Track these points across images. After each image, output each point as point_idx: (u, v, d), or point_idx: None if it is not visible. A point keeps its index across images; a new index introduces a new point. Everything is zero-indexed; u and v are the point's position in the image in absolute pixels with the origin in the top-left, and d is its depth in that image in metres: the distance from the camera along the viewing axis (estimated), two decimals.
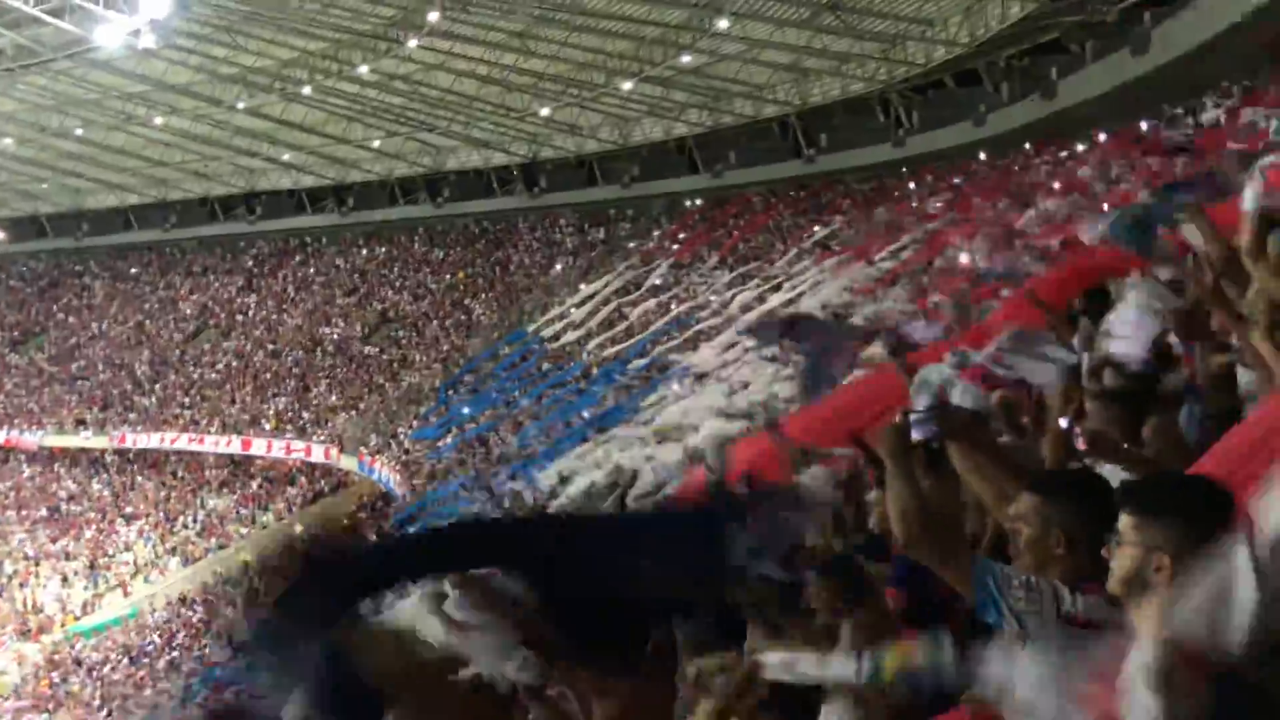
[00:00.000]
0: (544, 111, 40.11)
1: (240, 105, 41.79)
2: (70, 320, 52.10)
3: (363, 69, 38.34)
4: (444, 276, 44.65)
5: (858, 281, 17.35)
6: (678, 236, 37.27)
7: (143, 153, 47.37)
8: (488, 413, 33.67)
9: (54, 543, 40.53)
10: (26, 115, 44.10)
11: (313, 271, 48.61)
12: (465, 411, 34.70)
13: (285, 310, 47.04)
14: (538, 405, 31.72)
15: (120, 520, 40.65)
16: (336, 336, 44.21)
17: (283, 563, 2.94)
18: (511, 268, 43.34)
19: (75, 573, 38.79)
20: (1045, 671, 2.16)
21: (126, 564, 38.53)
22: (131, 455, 43.06)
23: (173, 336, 48.47)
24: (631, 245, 39.27)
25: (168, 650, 32.94)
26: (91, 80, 40.96)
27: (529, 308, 39.32)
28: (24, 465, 45.06)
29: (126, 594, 37.17)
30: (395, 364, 41.25)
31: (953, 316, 9.15)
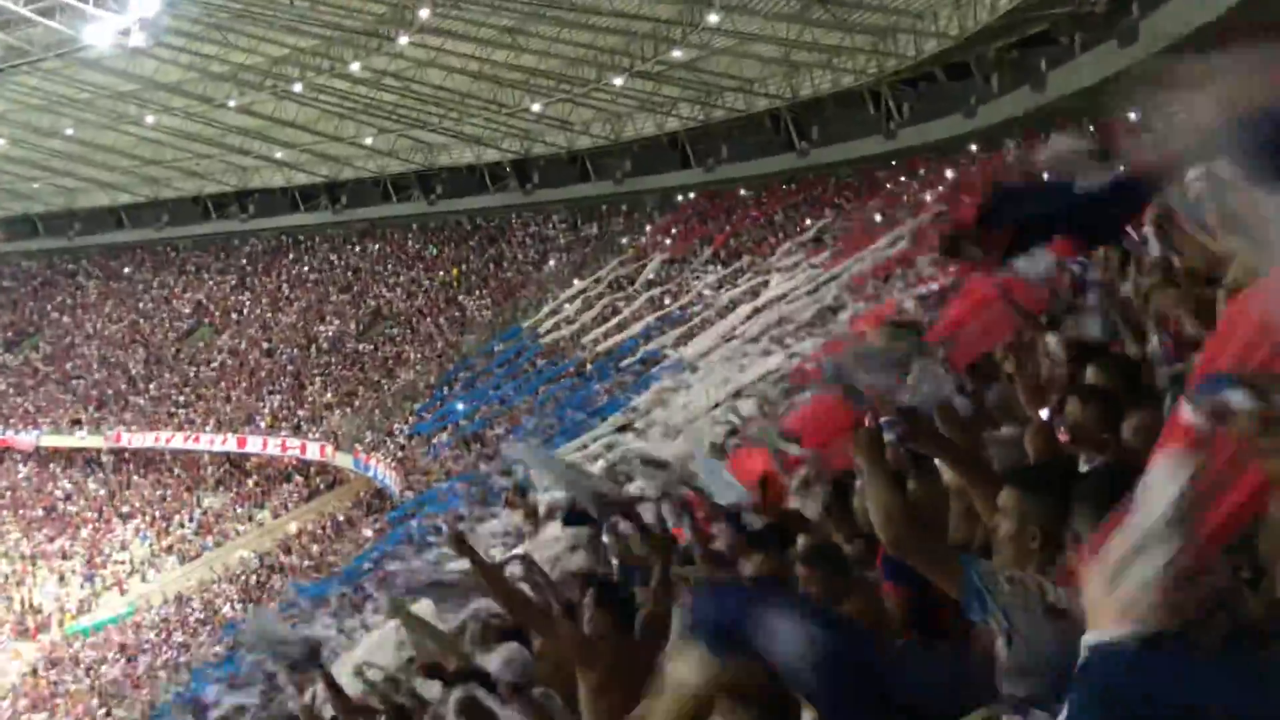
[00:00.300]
0: (536, 107, 40.08)
1: (232, 103, 41.70)
2: (64, 320, 52.01)
3: (354, 66, 38.29)
4: (437, 273, 44.65)
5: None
6: (670, 231, 37.33)
7: (134, 152, 47.27)
8: (483, 409, 33.80)
9: (51, 542, 40.55)
10: (17, 115, 43.99)
11: (306, 269, 48.57)
12: (460, 408, 34.82)
13: (279, 308, 47.02)
14: (533, 401, 31.85)
15: (116, 519, 40.68)
16: (331, 334, 44.22)
17: None
18: (505, 264, 43.34)
19: (72, 572, 38.83)
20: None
21: (123, 563, 38.57)
22: (127, 454, 43.06)
23: (167, 335, 48.44)
24: (624, 241, 39.33)
25: (165, 648, 33.00)
26: (82, 79, 40.87)
27: (523, 304, 39.39)
28: (20, 465, 45.03)
29: (123, 592, 37.22)
30: (390, 361, 41.28)
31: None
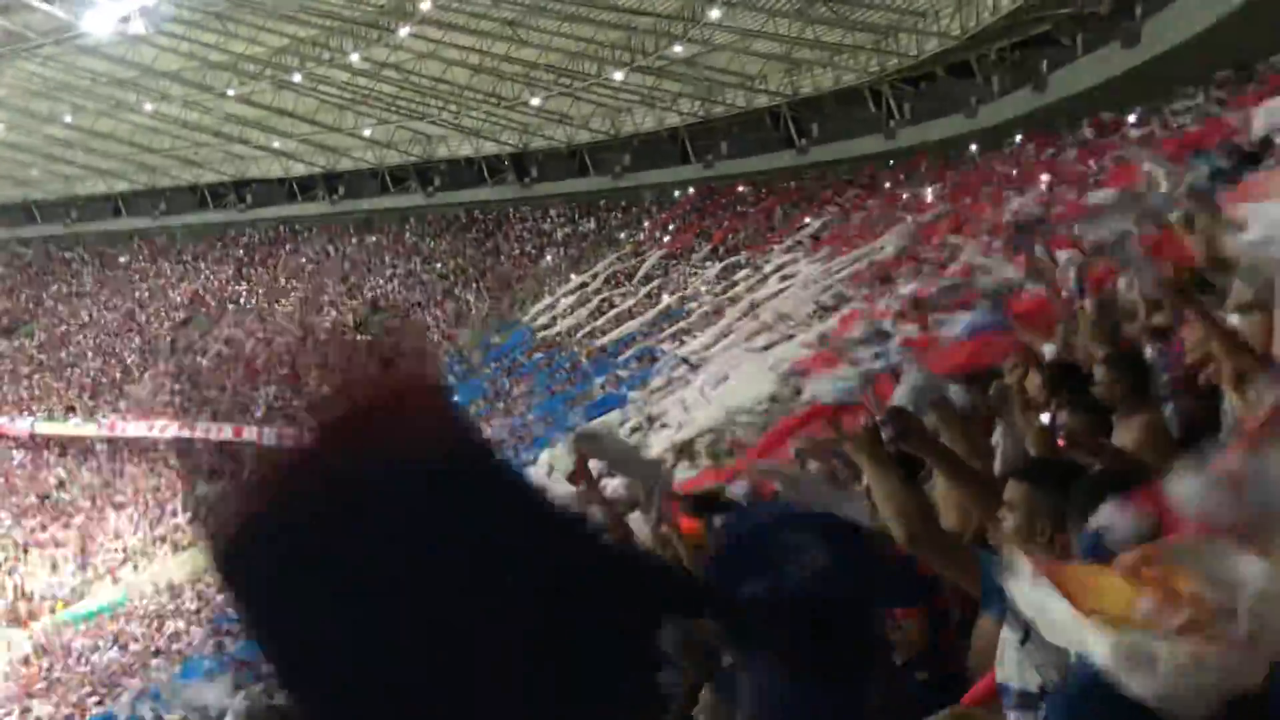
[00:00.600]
0: (535, 101, 40.01)
1: (231, 92, 41.61)
2: (60, 307, 51.88)
3: (354, 57, 38.22)
4: (434, 265, 44.58)
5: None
6: (668, 227, 37.26)
7: (132, 139, 47.16)
8: (479, 402, 33.74)
9: (44, 530, 40.48)
10: (16, 101, 43.88)
11: (303, 260, 48.47)
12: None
13: (276, 298, 46.91)
14: (528, 394, 31.84)
15: (110, 508, 40.60)
16: (328, 325, 44.09)
17: None
18: (502, 257, 43.27)
19: (65, 560, 38.76)
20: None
21: (116, 551, 38.50)
22: (122, 443, 42.98)
23: (163, 324, 48.33)
24: (622, 236, 39.26)
25: (158, 637, 32.93)
26: (81, 66, 40.76)
27: (520, 297, 39.31)
28: (14, 453, 44.94)
29: (116, 581, 37.15)
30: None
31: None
